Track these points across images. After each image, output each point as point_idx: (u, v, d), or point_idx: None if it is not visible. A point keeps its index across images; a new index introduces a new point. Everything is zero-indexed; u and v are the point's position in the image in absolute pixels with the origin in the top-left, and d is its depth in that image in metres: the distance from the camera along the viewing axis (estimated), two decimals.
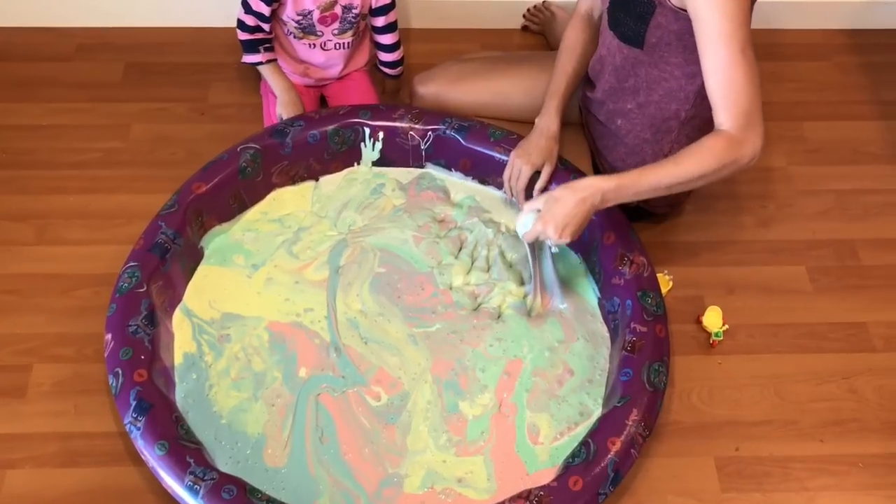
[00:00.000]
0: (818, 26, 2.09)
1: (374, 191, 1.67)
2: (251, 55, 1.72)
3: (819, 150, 1.87)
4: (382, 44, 1.77)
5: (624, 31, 1.42)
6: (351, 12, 1.68)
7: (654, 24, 1.36)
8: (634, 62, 1.45)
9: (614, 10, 1.43)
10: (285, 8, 1.65)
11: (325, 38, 1.71)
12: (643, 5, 1.35)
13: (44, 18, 1.99)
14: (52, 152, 1.77)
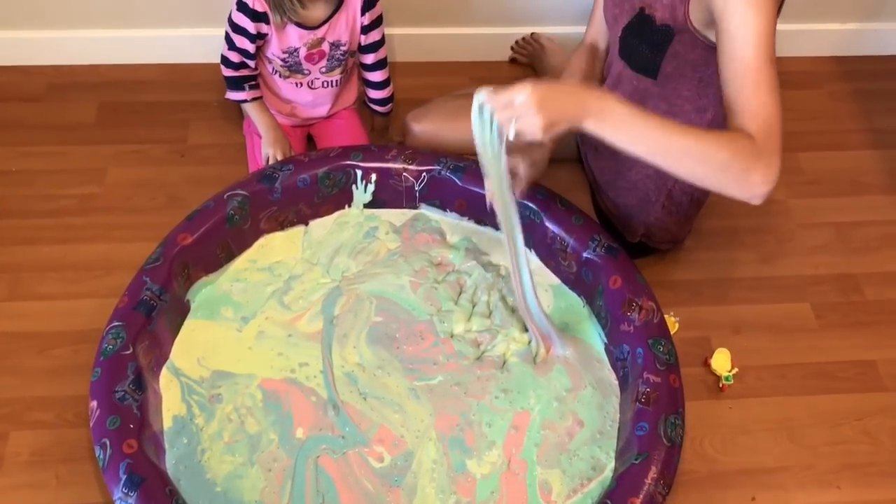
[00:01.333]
0: (807, 54, 2.08)
1: (367, 234, 1.61)
2: (236, 92, 1.65)
3: (816, 182, 1.84)
4: (372, 81, 1.71)
5: (637, 61, 1.38)
6: (339, 49, 1.62)
7: (671, 52, 1.32)
8: (644, 94, 1.41)
9: (628, 37, 1.38)
10: (270, 46, 1.59)
11: (313, 77, 1.65)
12: (661, 32, 1.31)
13: (9, 56, 1.90)
14: (24, 200, 1.68)
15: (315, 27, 1.57)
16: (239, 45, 1.57)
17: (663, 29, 1.31)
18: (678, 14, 1.28)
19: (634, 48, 1.38)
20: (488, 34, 1.97)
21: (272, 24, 1.55)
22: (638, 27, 1.36)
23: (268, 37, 1.57)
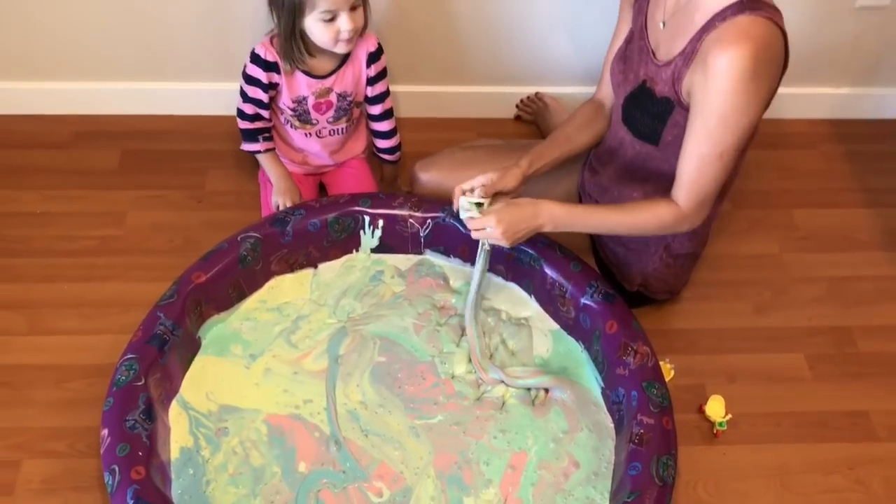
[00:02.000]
0: (803, 116, 2.14)
1: (373, 278, 1.67)
2: (250, 144, 1.73)
3: (811, 238, 1.89)
4: (379, 131, 1.79)
5: (639, 128, 1.45)
6: (346, 100, 1.71)
7: (671, 122, 1.39)
8: (646, 157, 1.48)
9: (630, 107, 1.46)
10: (281, 96, 1.68)
11: (321, 126, 1.74)
12: (662, 104, 1.39)
13: (40, 106, 2.00)
14: (47, 240, 1.76)
15: (323, 77, 1.66)
16: (252, 96, 1.66)
17: (663, 101, 1.39)
18: (675, 90, 1.36)
19: (636, 117, 1.45)
20: (494, 93, 2.05)
21: (283, 73, 1.63)
22: (640, 97, 1.44)
23: (279, 87, 1.66)
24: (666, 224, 1.41)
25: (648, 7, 1.44)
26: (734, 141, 1.31)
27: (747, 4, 1.26)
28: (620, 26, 1.55)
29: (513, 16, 1.90)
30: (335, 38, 1.55)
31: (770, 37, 1.25)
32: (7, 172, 1.88)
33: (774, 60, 1.29)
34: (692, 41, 1.31)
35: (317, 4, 1.50)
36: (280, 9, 1.52)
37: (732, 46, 1.23)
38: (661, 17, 1.40)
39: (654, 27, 1.42)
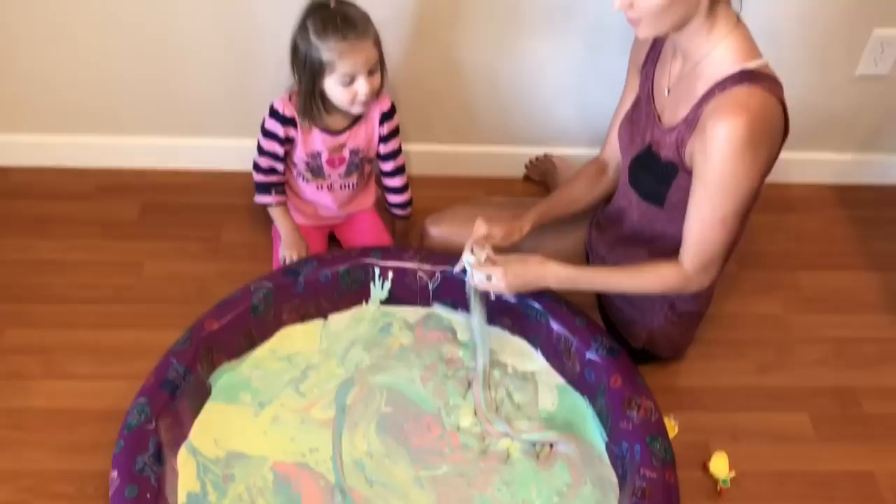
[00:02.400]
0: (806, 181, 2.18)
1: (381, 329, 1.70)
2: (263, 196, 1.79)
3: (815, 299, 1.92)
4: (391, 186, 1.85)
5: (645, 190, 1.49)
6: (357, 156, 1.76)
7: (675, 185, 1.43)
8: (652, 218, 1.52)
9: (636, 169, 1.50)
10: (296, 150, 1.74)
11: (332, 180, 1.79)
12: (667, 168, 1.43)
13: (65, 159, 2.07)
14: (66, 287, 1.80)
15: (338, 133, 1.72)
16: (268, 149, 1.72)
17: (668, 165, 1.43)
18: (679, 155, 1.40)
19: (642, 179, 1.50)
20: (504, 153, 2.11)
21: (299, 128, 1.69)
22: (646, 161, 1.48)
23: (295, 141, 1.72)
24: (671, 286, 1.45)
25: (655, 74, 1.50)
26: (735, 206, 1.35)
27: (746, 76, 1.30)
28: (627, 91, 1.61)
29: (522, 81, 1.97)
30: (352, 99, 1.61)
31: (767, 108, 1.29)
32: (31, 222, 1.94)
33: (772, 130, 1.32)
34: (694, 109, 1.36)
35: (337, 68, 1.57)
36: (302, 69, 1.59)
37: (729, 116, 1.27)
38: (667, 84, 1.46)
39: (660, 93, 1.48)
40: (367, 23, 1.56)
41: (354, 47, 1.54)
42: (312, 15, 1.55)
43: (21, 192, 2.02)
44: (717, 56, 1.34)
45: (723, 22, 1.33)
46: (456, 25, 1.85)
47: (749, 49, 1.34)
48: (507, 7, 1.82)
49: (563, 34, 1.87)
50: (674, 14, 1.28)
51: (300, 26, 1.57)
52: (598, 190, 1.68)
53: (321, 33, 1.54)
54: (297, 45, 1.58)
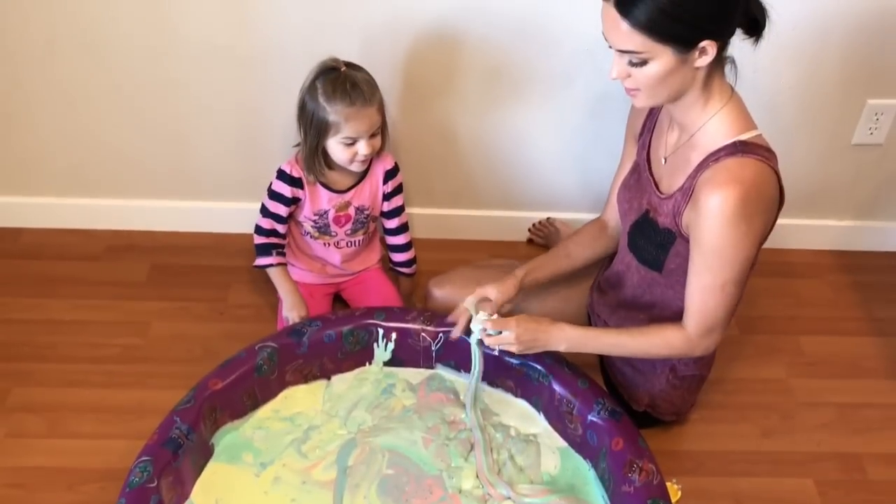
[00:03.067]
0: (807, 247, 2.20)
1: (384, 391, 1.70)
2: (264, 258, 1.82)
3: (818, 364, 1.92)
4: (396, 245, 1.88)
5: (643, 256, 1.52)
6: (363, 213, 1.80)
7: (673, 252, 1.46)
8: (651, 283, 1.54)
9: (634, 235, 1.53)
10: (303, 209, 1.77)
11: (339, 238, 1.83)
12: (664, 235, 1.46)
13: (76, 221, 2.11)
14: (73, 347, 1.82)
15: (343, 191, 1.76)
16: (273, 211, 1.76)
17: (665, 232, 1.46)
18: (676, 224, 1.43)
19: (641, 245, 1.52)
20: (507, 217, 2.14)
21: (306, 188, 1.73)
22: (644, 227, 1.51)
23: (301, 201, 1.76)
24: (676, 349, 1.46)
25: (651, 143, 1.54)
26: (733, 274, 1.37)
27: (740, 147, 1.34)
28: (624, 158, 1.65)
29: (523, 147, 2.01)
30: (352, 158, 1.66)
31: (759, 178, 1.32)
32: (41, 282, 1.97)
33: (766, 199, 1.35)
34: (689, 178, 1.39)
35: (342, 130, 1.62)
36: (308, 126, 1.65)
37: (721, 188, 1.30)
38: (664, 154, 1.49)
39: (657, 162, 1.51)
40: (373, 89, 1.62)
41: (360, 113, 1.60)
42: (322, 77, 1.61)
43: (33, 252, 2.05)
44: (712, 128, 1.37)
45: (717, 95, 1.37)
46: (457, 92, 1.91)
47: (743, 121, 1.37)
48: (507, 75, 1.88)
49: (563, 101, 1.92)
50: (670, 85, 1.32)
51: (309, 85, 1.62)
52: (597, 248, 1.71)
53: (329, 96, 1.59)
54: (305, 102, 1.63)
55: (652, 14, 1.22)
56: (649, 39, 1.25)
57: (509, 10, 1.77)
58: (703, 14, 1.24)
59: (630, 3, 1.23)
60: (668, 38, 1.25)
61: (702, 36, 1.25)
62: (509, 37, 1.81)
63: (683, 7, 1.22)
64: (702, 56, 1.28)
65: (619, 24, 1.25)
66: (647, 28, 1.23)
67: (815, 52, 1.84)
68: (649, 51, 1.26)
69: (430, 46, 1.82)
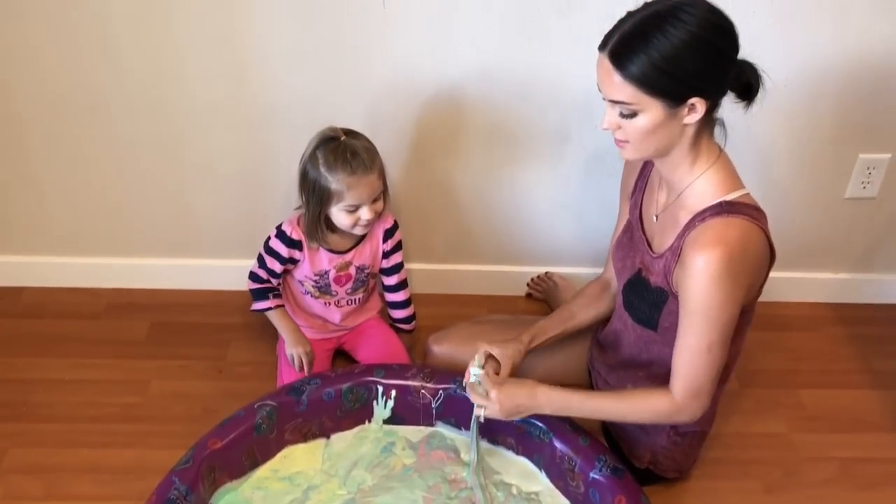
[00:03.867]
0: (804, 300, 2.21)
1: (384, 449, 1.69)
2: (261, 302, 1.83)
3: (819, 418, 1.91)
4: (395, 301, 1.90)
5: (637, 314, 1.53)
6: (363, 272, 1.82)
7: (666, 310, 1.46)
8: (648, 340, 1.54)
9: (628, 294, 1.54)
10: (303, 269, 1.78)
11: (340, 297, 1.84)
12: (656, 294, 1.46)
13: (77, 279, 2.12)
14: (71, 406, 1.81)
15: (344, 252, 1.78)
16: (269, 266, 1.77)
17: (657, 291, 1.47)
18: (666, 283, 1.44)
19: (635, 304, 1.53)
20: (505, 271, 2.16)
21: (305, 250, 1.75)
22: (637, 286, 1.52)
23: (300, 262, 1.77)
24: (661, 414, 1.45)
25: (643, 202, 1.56)
26: (719, 335, 1.36)
27: (725, 207, 1.35)
28: (621, 216, 1.67)
29: (521, 203, 2.04)
30: (354, 224, 1.68)
31: (745, 237, 1.33)
32: (41, 341, 1.97)
33: (752, 258, 1.35)
34: (678, 238, 1.40)
35: (343, 198, 1.64)
36: (310, 194, 1.67)
37: (706, 249, 1.31)
38: (654, 212, 1.51)
39: (649, 220, 1.53)
40: (373, 156, 1.65)
41: (361, 180, 1.62)
42: (323, 146, 1.63)
43: (33, 311, 2.06)
44: (699, 188, 1.39)
45: (705, 155, 1.39)
46: (455, 151, 1.94)
47: (730, 181, 1.39)
48: (505, 132, 1.91)
49: (560, 157, 1.95)
50: (658, 140, 1.34)
51: (310, 155, 1.64)
52: (600, 307, 1.72)
53: (330, 165, 1.62)
54: (307, 172, 1.65)
55: (644, 68, 1.25)
56: (640, 91, 1.27)
57: (507, 70, 1.81)
58: (693, 71, 1.26)
59: (624, 56, 1.26)
60: (658, 91, 1.27)
61: (691, 93, 1.28)
62: (506, 96, 1.85)
63: (675, 64, 1.25)
64: (691, 113, 1.31)
65: (613, 75, 1.28)
66: (639, 81, 1.26)
67: (808, 109, 1.88)
68: (639, 103, 1.29)
69: (429, 106, 1.86)
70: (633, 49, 1.25)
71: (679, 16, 1.24)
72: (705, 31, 1.25)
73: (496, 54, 1.79)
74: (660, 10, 1.26)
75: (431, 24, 1.75)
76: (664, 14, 1.25)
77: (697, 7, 1.26)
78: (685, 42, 1.24)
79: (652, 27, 1.25)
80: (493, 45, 1.77)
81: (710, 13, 1.27)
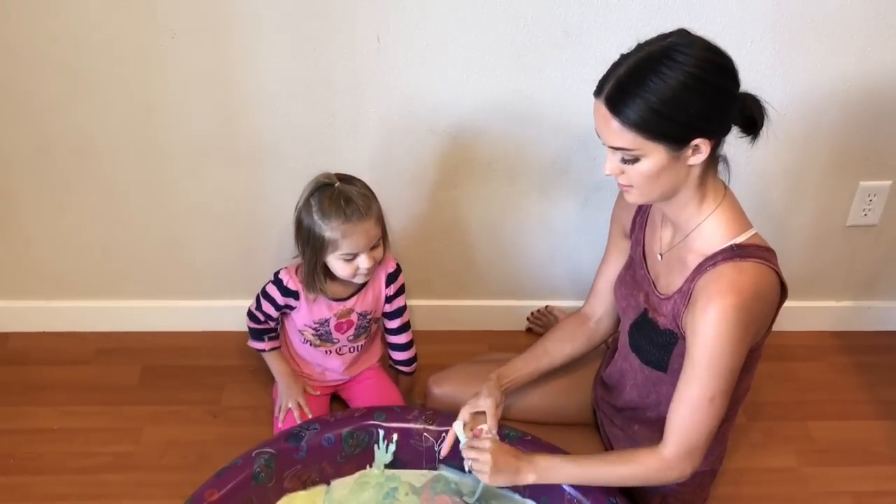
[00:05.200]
0: (807, 328, 2.19)
1: (386, 495, 1.64)
2: (257, 342, 1.79)
3: (829, 451, 1.87)
4: (397, 344, 1.85)
5: (646, 357, 1.48)
6: (366, 318, 1.77)
7: (676, 352, 1.41)
8: (656, 381, 1.50)
9: (635, 335, 1.49)
10: (301, 317, 1.74)
11: (341, 344, 1.79)
12: (666, 336, 1.42)
13: (65, 324, 2.07)
14: (61, 457, 1.76)
15: (345, 299, 1.73)
16: (265, 310, 1.73)
17: (667, 333, 1.42)
18: (676, 325, 1.39)
19: (642, 345, 1.48)
20: (506, 306, 2.12)
21: (303, 298, 1.70)
22: (643, 328, 1.47)
23: (296, 308, 1.72)
24: (651, 475, 1.38)
25: (645, 239, 1.51)
26: (724, 385, 1.32)
27: (737, 251, 1.31)
28: (610, 249, 1.62)
29: (521, 237, 2.01)
30: (354, 273, 1.62)
31: (758, 282, 1.29)
32: (27, 389, 1.91)
33: (764, 301, 1.32)
34: (687, 282, 1.36)
35: (340, 247, 1.58)
36: (305, 243, 1.61)
37: (717, 297, 1.26)
38: (659, 250, 1.46)
39: (653, 258, 1.48)
40: (369, 202, 1.59)
41: (357, 228, 1.57)
42: (317, 194, 1.57)
43: (20, 358, 2.00)
44: (707, 230, 1.35)
45: (712, 194, 1.35)
46: (453, 185, 1.91)
47: (739, 221, 1.35)
48: (503, 167, 1.88)
49: (559, 191, 1.93)
50: (664, 183, 1.29)
51: (304, 203, 1.59)
52: (576, 344, 1.67)
53: (325, 213, 1.56)
54: (302, 220, 1.59)
55: (643, 113, 1.21)
56: (640, 137, 1.23)
57: (504, 103, 1.78)
58: (694, 113, 1.22)
59: (621, 102, 1.22)
60: (660, 136, 1.23)
61: (694, 134, 1.24)
62: (504, 129, 1.82)
63: (674, 106, 1.20)
64: (695, 154, 1.26)
65: (611, 121, 1.24)
66: (638, 126, 1.22)
67: (808, 136, 1.86)
68: (640, 148, 1.24)
69: (426, 142, 1.83)
70: (630, 94, 1.21)
71: (674, 56, 1.20)
72: (702, 71, 1.21)
73: (492, 88, 1.76)
74: (654, 52, 1.22)
75: (426, 59, 1.72)
76: (658, 56, 1.21)
77: (693, 46, 1.22)
78: (683, 83, 1.20)
79: (647, 70, 1.20)
80: (489, 78, 1.75)
81: (705, 51, 1.23)
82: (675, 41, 1.23)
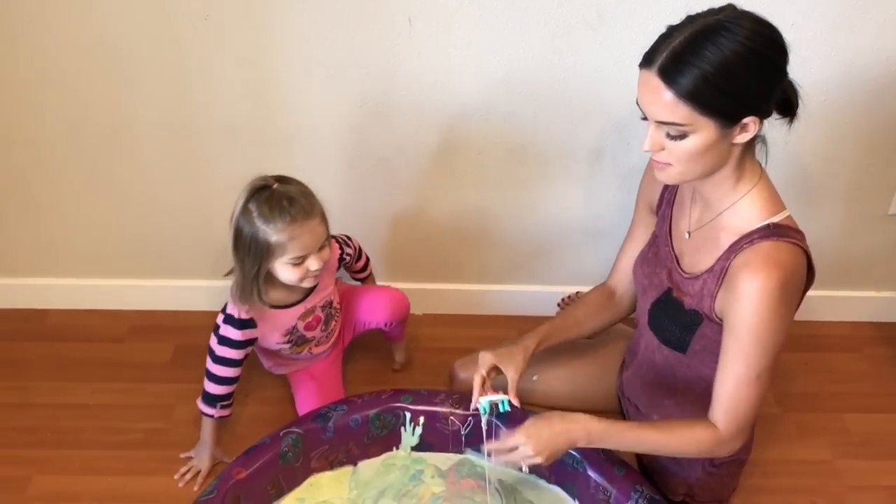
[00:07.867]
0: (845, 319, 2.14)
1: (412, 477, 1.65)
2: (207, 406, 1.66)
3: (865, 444, 1.84)
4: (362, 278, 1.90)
5: (666, 336, 1.46)
6: (330, 306, 1.74)
7: (699, 333, 1.40)
8: (674, 364, 1.48)
9: (656, 314, 1.47)
10: (269, 340, 1.69)
11: (317, 339, 1.76)
12: (691, 316, 1.40)
13: (101, 301, 2.10)
14: (96, 432, 1.79)
15: (300, 300, 1.66)
16: (221, 355, 1.62)
17: (692, 313, 1.40)
18: (705, 306, 1.37)
19: (664, 325, 1.46)
20: (536, 291, 2.11)
21: (261, 324, 1.63)
22: (666, 307, 1.45)
23: (260, 336, 1.66)
24: (704, 448, 1.37)
25: (672, 215, 1.49)
26: (768, 362, 1.30)
27: (774, 231, 1.29)
28: (636, 225, 1.60)
29: (552, 221, 1.99)
30: (303, 277, 1.56)
31: (796, 262, 1.28)
32: (64, 365, 1.95)
33: (800, 281, 1.31)
34: (720, 260, 1.34)
35: (287, 250, 1.51)
36: (246, 252, 1.52)
37: (762, 272, 1.25)
38: (687, 228, 1.44)
39: (679, 236, 1.46)
40: (312, 200, 1.53)
41: (303, 228, 1.50)
42: (254, 198, 1.49)
43: (58, 334, 2.04)
44: (743, 208, 1.33)
45: (749, 174, 1.32)
46: (487, 169, 1.89)
47: (774, 202, 1.33)
48: (534, 152, 1.86)
49: (590, 176, 1.90)
50: (707, 161, 1.26)
51: (242, 209, 1.51)
52: (604, 317, 1.67)
53: (267, 217, 1.48)
54: (241, 229, 1.51)
55: (698, 83, 1.17)
56: (694, 111, 1.19)
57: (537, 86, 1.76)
58: (748, 88, 1.19)
59: (676, 72, 1.17)
60: (713, 110, 1.19)
61: (746, 111, 1.21)
62: (536, 113, 1.80)
63: (731, 79, 1.17)
64: (742, 132, 1.24)
65: (662, 92, 1.19)
66: (693, 98, 1.18)
67: (849, 121, 1.81)
68: (692, 123, 1.20)
69: (456, 125, 1.81)
70: (687, 63, 1.16)
71: (732, 28, 1.17)
72: (760, 46, 1.17)
73: (525, 71, 1.74)
74: (709, 24, 1.18)
75: (457, 42, 1.70)
76: (715, 27, 1.17)
77: (748, 20, 1.19)
78: (741, 56, 1.16)
79: (705, 40, 1.16)
80: (521, 61, 1.72)
81: (761, 26, 1.19)
82: (729, 14, 1.20)
